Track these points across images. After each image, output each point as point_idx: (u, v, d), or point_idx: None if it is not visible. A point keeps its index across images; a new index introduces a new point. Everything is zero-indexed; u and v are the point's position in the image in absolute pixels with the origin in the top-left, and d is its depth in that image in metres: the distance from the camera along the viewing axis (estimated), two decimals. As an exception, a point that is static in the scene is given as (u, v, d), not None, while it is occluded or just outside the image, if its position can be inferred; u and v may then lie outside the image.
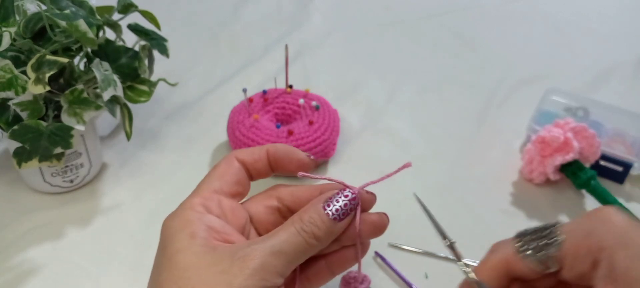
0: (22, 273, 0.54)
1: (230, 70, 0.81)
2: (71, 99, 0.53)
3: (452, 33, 0.90)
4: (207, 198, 0.36)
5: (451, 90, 0.79)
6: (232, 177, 0.38)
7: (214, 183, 0.37)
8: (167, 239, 0.34)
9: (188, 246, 0.33)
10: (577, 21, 0.94)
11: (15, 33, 0.53)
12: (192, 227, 0.34)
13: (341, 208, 0.35)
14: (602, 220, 0.32)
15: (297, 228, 0.34)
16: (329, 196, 0.36)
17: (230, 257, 0.32)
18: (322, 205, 0.35)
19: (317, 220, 0.35)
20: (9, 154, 0.59)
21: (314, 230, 0.34)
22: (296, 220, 0.35)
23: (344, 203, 0.36)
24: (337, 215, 0.35)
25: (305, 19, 0.93)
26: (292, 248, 0.34)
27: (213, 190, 0.37)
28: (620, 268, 0.29)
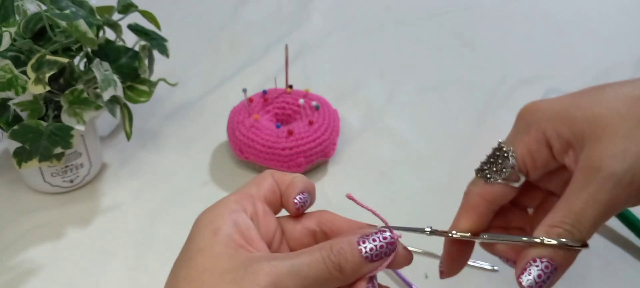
0: (22, 273, 0.54)
1: (230, 70, 0.81)
2: (71, 99, 0.53)
3: (452, 33, 0.90)
4: (243, 197, 0.36)
5: (451, 90, 0.79)
6: (268, 186, 0.37)
7: (251, 188, 0.37)
8: (194, 233, 0.33)
9: (210, 245, 0.32)
10: (577, 21, 0.94)
11: (15, 33, 0.53)
12: (218, 222, 0.33)
13: (376, 249, 0.33)
14: (531, 111, 0.35)
15: (324, 255, 0.32)
16: (366, 233, 0.34)
17: (245, 267, 0.31)
18: (358, 239, 0.33)
19: (348, 253, 0.32)
20: (9, 154, 0.59)
21: (341, 262, 0.32)
22: (325, 247, 0.33)
23: (381, 244, 0.33)
24: (370, 255, 0.33)
25: (305, 19, 0.93)
26: (312, 273, 0.31)
27: (250, 194, 0.36)
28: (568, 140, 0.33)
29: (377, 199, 0.62)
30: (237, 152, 0.64)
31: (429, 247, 0.56)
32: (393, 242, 0.34)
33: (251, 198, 0.36)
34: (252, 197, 0.36)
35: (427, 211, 0.61)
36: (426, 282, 0.54)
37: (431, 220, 0.61)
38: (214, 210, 0.34)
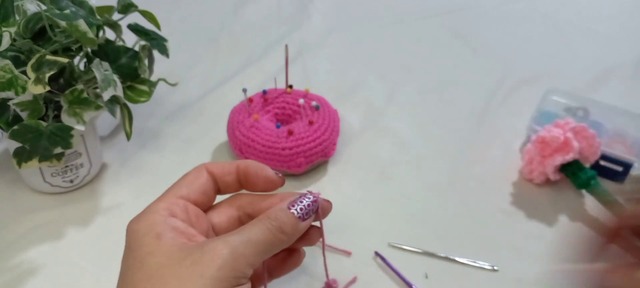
0: (22, 273, 0.54)
1: (230, 70, 0.81)
2: (71, 99, 0.53)
3: (452, 33, 0.90)
4: (172, 202, 0.38)
5: (451, 90, 0.79)
6: (199, 186, 0.40)
7: (181, 189, 0.39)
8: (134, 242, 0.36)
9: (156, 247, 0.34)
10: (577, 21, 0.94)
11: (15, 33, 0.53)
12: (157, 229, 0.35)
13: (305, 208, 0.38)
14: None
15: (266, 224, 0.36)
16: (292, 199, 0.38)
17: (200, 250, 0.34)
18: (288, 205, 0.38)
19: (284, 218, 0.37)
20: (9, 154, 0.59)
21: (281, 226, 0.37)
22: (264, 218, 0.37)
23: (307, 204, 0.39)
24: (301, 214, 0.38)
25: (305, 19, 0.93)
26: (262, 239, 0.36)
27: (179, 196, 0.39)
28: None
29: (377, 199, 0.62)
30: (237, 152, 0.64)
31: (429, 247, 0.56)
32: (315, 199, 0.39)
33: (181, 203, 0.38)
34: (181, 200, 0.38)
35: (427, 211, 0.61)
36: (426, 282, 0.54)
37: (431, 220, 0.61)
38: (146, 219, 0.36)
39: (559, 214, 0.61)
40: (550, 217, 0.61)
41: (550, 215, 0.61)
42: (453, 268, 0.55)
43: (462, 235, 0.59)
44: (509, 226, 0.60)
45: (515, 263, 0.56)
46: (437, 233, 0.58)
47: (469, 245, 0.57)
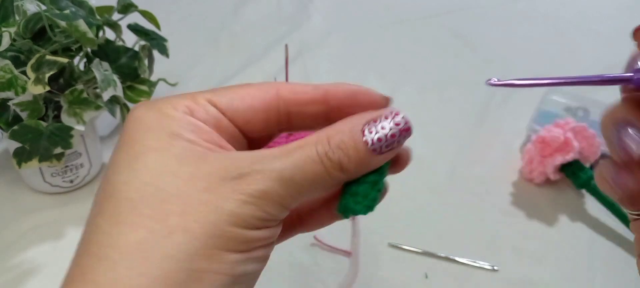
0: (22, 273, 0.54)
1: (230, 70, 0.81)
2: (71, 99, 0.53)
3: (452, 33, 0.90)
4: (199, 104, 0.27)
5: (451, 90, 0.79)
6: (249, 108, 0.27)
7: (223, 95, 0.27)
8: (135, 133, 0.25)
9: (167, 145, 0.24)
10: (577, 21, 0.94)
11: (15, 33, 0.52)
12: (172, 125, 0.25)
13: (387, 139, 0.26)
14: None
15: (320, 152, 0.25)
16: (372, 117, 0.26)
17: (222, 172, 0.24)
18: (363, 127, 0.26)
19: (350, 147, 0.26)
20: (9, 154, 0.59)
21: (341, 159, 0.25)
22: (321, 140, 0.26)
23: (392, 132, 0.26)
24: (379, 147, 0.26)
25: (305, 19, 0.93)
26: (308, 177, 0.25)
27: (213, 101, 0.27)
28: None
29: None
30: (237, 152, 0.64)
31: (429, 247, 0.56)
32: (408, 127, 0.27)
33: (211, 110, 0.27)
34: (213, 108, 0.27)
35: (427, 211, 0.61)
36: (426, 282, 0.54)
37: (431, 220, 0.61)
38: (158, 109, 0.26)
39: (559, 214, 0.61)
40: (550, 217, 0.61)
41: (550, 215, 0.61)
42: (453, 268, 0.55)
43: (462, 235, 0.59)
44: (509, 226, 0.60)
45: (515, 263, 0.56)
46: (437, 233, 0.58)
47: (469, 245, 0.57)
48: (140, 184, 0.24)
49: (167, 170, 0.24)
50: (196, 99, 0.27)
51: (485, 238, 0.58)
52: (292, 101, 0.28)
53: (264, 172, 0.24)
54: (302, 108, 0.28)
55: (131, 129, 0.26)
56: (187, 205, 0.23)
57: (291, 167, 0.25)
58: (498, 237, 0.59)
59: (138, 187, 0.24)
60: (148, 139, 0.25)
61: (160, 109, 0.26)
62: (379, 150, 0.26)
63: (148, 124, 0.25)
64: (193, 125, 0.26)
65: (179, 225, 0.23)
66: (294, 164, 0.25)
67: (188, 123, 0.25)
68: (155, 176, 0.24)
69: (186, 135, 0.25)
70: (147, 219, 0.23)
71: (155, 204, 0.23)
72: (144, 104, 0.26)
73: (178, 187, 0.23)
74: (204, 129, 0.26)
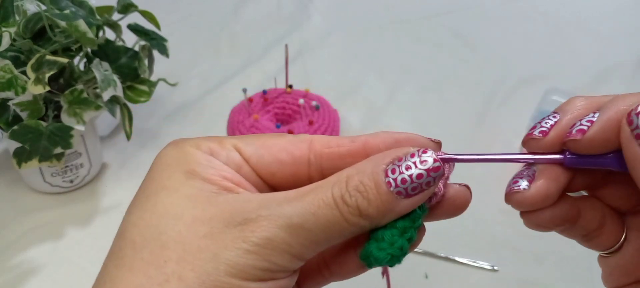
0: (22, 273, 0.54)
1: (230, 70, 0.81)
2: (71, 99, 0.53)
3: (452, 33, 0.90)
4: (226, 148, 0.25)
5: (451, 90, 0.79)
6: (275, 161, 0.25)
7: (250, 144, 0.25)
8: (154, 172, 0.25)
9: (179, 185, 0.23)
10: (577, 21, 0.94)
11: (15, 33, 0.52)
12: (191, 164, 0.24)
13: (412, 180, 0.23)
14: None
15: (336, 196, 0.23)
16: (397, 156, 0.23)
17: (227, 219, 0.22)
18: (385, 167, 0.23)
19: (371, 190, 0.23)
20: (9, 154, 0.59)
21: (360, 204, 0.23)
22: (338, 182, 0.23)
23: (418, 173, 0.23)
24: (404, 189, 0.23)
25: (305, 19, 0.93)
26: (322, 224, 0.22)
27: (238, 148, 0.25)
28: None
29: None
30: (237, 152, 0.64)
31: (429, 247, 0.56)
32: (437, 167, 0.23)
33: (235, 158, 0.25)
34: (237, 154, 0.25)
35: (427, 211, 0.61)
36: (426, 282, 0.54)
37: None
38: (181, 148, 0.25)
39: (559, 214, 0.61)
40: (550, 217, 0.61)
41: (550, 215, 0.61)
42: (453, 268, 0.55)
43: (462, 235, 0.59)
44: (509, 226, 0.60)
45: (515, 263, 0.56)
46: (437, 233, 0.58)
47: (469, 245, 0.57)
48: (145, 226, 0.23)
49: (172, 213, 0.23)
50: (222, 142, 0.25)
51: (485, 238, 0.58)
52: (326, 156, 0.25)
53: (270, 218, 0.22)
54: (337, 163, 0.25)
55: (153, 167, 0.26)
56: (186, 251, 0.22)
57: (302, 212, 0.22)
58: (498, 237, 0.59)
59: (142, 229, 0.23)
60: (163, 177, 0.24)
61: (182, 147, 0.25)
62: (404, 193, 0.23)
63: (167, 161, 0.25)
64: (213, 163, 0.24)
65: (175, 273, 0.22)
66: (305, 209, 0.22)
67: (208, 161, 0.24)
68: (159, 218, 0.23)
69: (203, 173, 0.24)
70: (145, 264, 0.22)
71: (156, 249, 0.22)
72: (172, 142, 0.26)
73: (179, 232, 0.22)
74: (225, 168, 0.24)
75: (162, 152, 0.26)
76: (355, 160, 0.25)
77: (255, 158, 0.25)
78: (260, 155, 0.25)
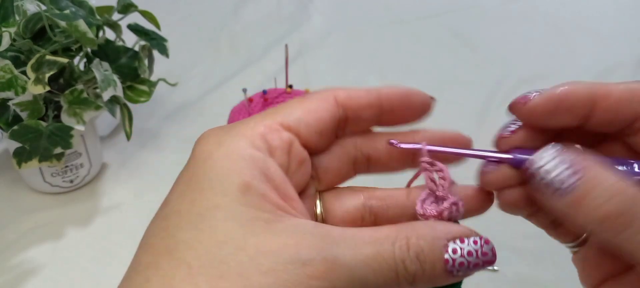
0: (22, 273, 0.54)
1: (230, 70, 0.81)
2: (71, 99, 0.53)
3: (452, 33, 0.90)
4: (274, 130, 0.25)
5: (451, 90, 0.79)
6: (318, 120, 0.26)
7: (291, 115, 0.25)
8: (203, 178, 0.23)
9: (236, 205, 0.22)
10: (577, 21, 0.94)
11: (15, 33, 0.52)
12: (245, 173, 0.23)
13: (468, 265, 0.24)
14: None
15: (398, 258, 0.23)
16: (459, 234, 0.24)
17: (291, 253, 0.22)
18: (446, 245, 0.24)
19: (428, 262, 0.23)
20: (9, 154, 0.59)
21: (417, 273, 0.23)
22: (400, 240, 0.23)
23: (475, 262, 0.24)
24: (458, 271, 0.24)
25: (305, 19, 0.93)
26: (378, 281, 0.23)
27: (287, 125, 0.25)
28: None
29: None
30: (237, 152, 0.64)
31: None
32: (493, 260, 0.24)
33: (285, 136, 0.25)
34: (287, 133, 0.25)
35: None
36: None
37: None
38: (235, 144, 0.24)
39: (559, 214, 0.61)
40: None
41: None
42: (453, 268, 0.55)
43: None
44: (509, 226, 0.60)
45: (515, 263, 0.56)
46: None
47: (469, 245, 0.57)
48: (203, 251, 0.21)
49: (233, 240, 0.22)
50: (270, 125, 0.25)
51: (485, 238, 0.58)
52: (350, 107, 0.27)
53: (333, 267, 0.22)
54: (358, 113, 0.27)
55: (198, 170, 0.24)
56: (245, 287, 0.21)
57: (363, 266, 0.22)
58: (498, 237, 0.58)
59: (200, 254, 0.21)
60: (217, 191, 0.23)
61: (233, 145, 0.24)
62: (454, 273, 0.24)
63: (218, 169, 0.23)
64: (265, 172, 0.24)
65: None
66: (366, 264, 0.22)
67: (262, 168, 0.23)
68: (220, 245, 0.21)
69: (258, 188, 0.23)
70: None
71: (214, 278, 0.21)
72: (216, 133, 0.25)
73: (241, 263, 0.21)
74: (275, 177, 0.24)
75: (207, 151, 0.24)
76: (372, 110, 0.27)
77: (303, 128, 0.25)
78: (307, 124, 0.26)
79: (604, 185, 0.22)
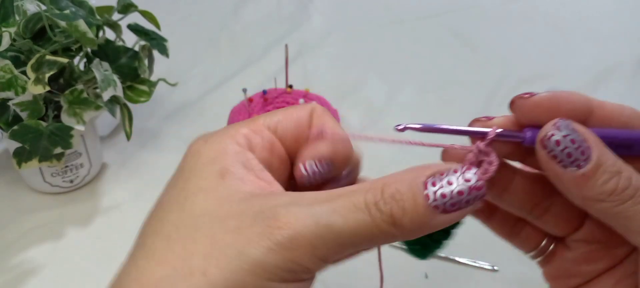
0: (22, 273, 0.54)
1: (230, 70, 0.81)
2: (71, 99, 0.53)
3: (452, 33, 0.90)
4: (257, 131, 0.27)
5: (451, 90, 0.79)
6: (296, 123, 0.28)
7: (273, 118, 0.27)
8: (191, 169, 0.26)
9: (214, 186, 0.24)
10: (577, 21, 0.94)
11: (15, 33, 0.52)
12: (225, 162, 0.25)
13: (452, 196, 0.22)
14: None
15: (369, 201, 0.22)
16: (438, 170, 0.23)
17: (255, 213, 0.22)
18: (425, 179, 0.23)
19: (407, 199, 0.22)
20: (9, 154, 0.59)
21: (394, 212, 0.22)
22: (374, 188, 0.23)
23: (459, 189, 0.22)
24: (442, 204, 0.22)
25: (305, 19, 0.93)
26: (351, 226, 0.22)
27: (268, 125, 0.27)
28: None
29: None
30: (237, 152, 0.64)
31: (429, 247, 0.56)
32: (480, 185, 0.23)
33: (266, 135, 0.27)
34: (268, 132, 0.27)
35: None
36: (426, 282, 0.54)
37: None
38: (218, 142, 0.26)
39: (559, 214, 0.61)
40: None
41: (550, 215, 0.61)
42: (453, 268, 0.55)
43: (462, 235, 0.59)
44: (509, 226, 0.60)
45: (515, 263, 0.56)
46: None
47: (469, 245, 0.57)
48: (182, 225, 0.23)
49: (209, 213, 0.23)
50: (256, 125, 0.27)
51: (485, 238, 0.58)
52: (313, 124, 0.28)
53: (298, 216, 0.22)
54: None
55: (187, 164, 0.26)
56: (214, 247, 0.22)
57: (330, 212, 0.22)
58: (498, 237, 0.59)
59: (179, 227, 0.23)
60: (200, 177, 0.25)
61: (218, 142, 0.26)
62: (442, 208, 0.22)
63: (202, 161, 0.25)
64: (246, 161, 0.25)
65: (200, 268, 0.22)
66: (334, 210, 0.22)
67: (241, 159, 0.25)
68: (197, 218, 0.23)
69: (237, 173, 0.24)
70: (175, 257, 0.22)
71: (188, 243, 0.22)
72: (205, 135, 0.27)
73: (211, 228, 0.22)
74: (254, 167, 0.25)
75: (195, 148, 0.26)
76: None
77: (280, 131, 0.27)
78: (285, 127, 0.27)
79: (609, 162, 0.24)
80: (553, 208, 0.28)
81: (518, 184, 0.28)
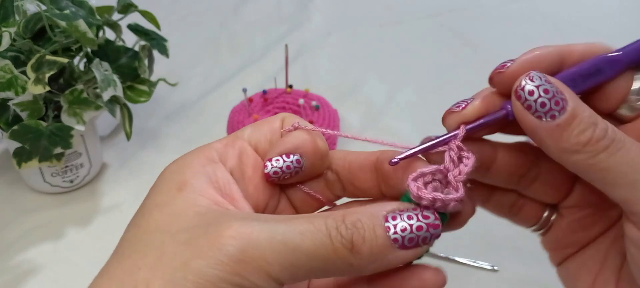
0: (22, 273, 0.54)
1: (230, 70, 0.81)
2: (71, 99, 0.53)
3: (452, 33, 0.90)
4: (230, 144, 0.27)
5: (451, 90, 0.79)
6: (269, 133, 0.28)
7: (247, 129, 0.28)
8: (153, 187, 0.26)
9: (170, 201, 0.24)
10: (577, 21, 0.94)
11: (15, 33, 0.52)
12: (185, 175, 0.25)
13: (411, 231, 0.23)
14: None
15: (330, 225, 0.22)
16: (398, 207, 0.24)
17: (207, 225, 0.22)
18: (386, 213, 0.23)
19: (367, 229, 0.22)
20: (9, 154, 0.59)
21: (355, 239, 0.22)
22: (335, 215, 0.23)
23: (418, 225, 0.23)
24: (401, 238, 0.23)
25: (305, 19, 0.93)
26: (307, 246, 0.21)
27: (239, 139, 0.27)
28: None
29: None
30: (237, 152, 0.64)
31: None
32: (438, 225, 0.23)
33: (240, 148, 0.27)
34: (242, 144, 0.27)
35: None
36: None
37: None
38: (185, 159, 0.26)
39: (559, 214, 0.61)
40: (550, 217, 0.61)
41: (550, 215, 0.61)
42: (453, 268, 0.55)
43: (462, 235, 0.59)
44: (509, 226, 0.60)
45: (515, 263, 0.56)
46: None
47: (469, 245, 0.57)
48: (135, 241, 0.23)
49: (161, 228, 0.23)
50: (229, 137, 0.27)
51: (485, 238, 0.58)
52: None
53: (253, 228, 0.21)
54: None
55: (154, 185, 0.26)
56: (161, 259, 0.21)
57: (288, 230, 0.21)
58: (498, 237, 0.59)
59: (133, 243, 0.23)
60: (157, 193, 0.25)
61: (184, 157, 0.26)
62: (400, 243, 0.23)
63: (164, 176, 0.26)
64: (212, 173, 0.25)
65: (144, 280, 0.21)
66: (292, 228, 0.22)
67: (207, 171, 0.25)
68: (149, 233, 0.23)
69: (196, 185, 0.24)
70: (123, 272, 0.22)
71: (137, 258, 0.22)
72: (179, 158, 0.27)
73: (162, 241, 0.22)
74: (220, 179, 0.25)
75: (168, 166, 0.26)
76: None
77: (254, 138, 0.27)
78: (258, 133, 0.28)
79: (585, 114, 0.24)
80: (540, 177, 0.29)
81: (501, 159, 0.29)
